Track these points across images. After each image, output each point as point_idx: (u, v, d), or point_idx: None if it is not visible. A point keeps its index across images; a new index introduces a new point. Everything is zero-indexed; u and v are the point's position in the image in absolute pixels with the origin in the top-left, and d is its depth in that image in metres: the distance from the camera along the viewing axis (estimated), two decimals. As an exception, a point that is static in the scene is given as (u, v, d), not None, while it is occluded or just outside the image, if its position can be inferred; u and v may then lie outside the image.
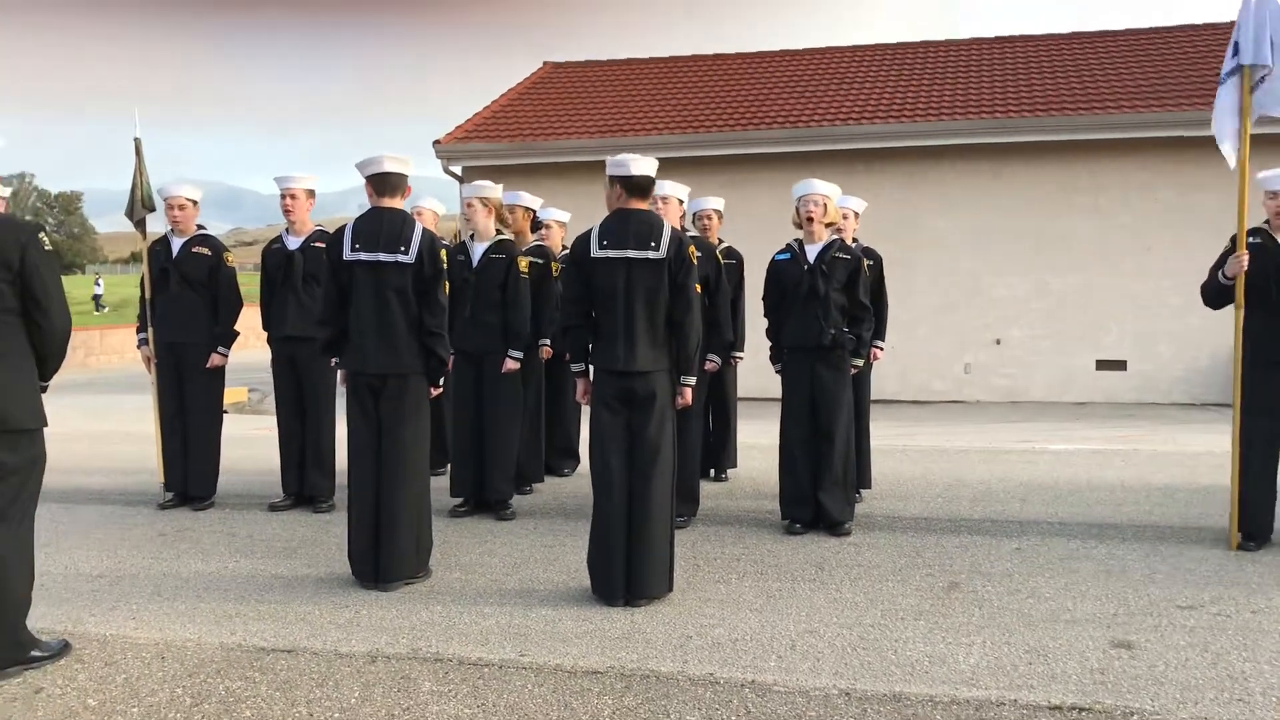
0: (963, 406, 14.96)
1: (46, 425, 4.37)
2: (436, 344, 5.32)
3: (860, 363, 6.36)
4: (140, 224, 7.26)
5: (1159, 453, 9.23)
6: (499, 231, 6.88)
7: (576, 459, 8.26)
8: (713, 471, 8.00)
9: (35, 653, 4.31)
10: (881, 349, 7.25)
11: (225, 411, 12.47)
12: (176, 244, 7.09)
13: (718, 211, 7.53)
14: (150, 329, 7.14)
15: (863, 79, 17.59)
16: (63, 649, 4.43)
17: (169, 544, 6.26)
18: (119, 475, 8.32)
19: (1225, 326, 8.16)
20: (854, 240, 7.16)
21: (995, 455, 9.14)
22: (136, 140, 7.21)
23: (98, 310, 45.12)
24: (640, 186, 5.07)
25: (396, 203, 5.39)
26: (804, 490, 6.28)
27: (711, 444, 7.90)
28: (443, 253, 5.39)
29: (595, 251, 4.99)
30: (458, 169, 17.25)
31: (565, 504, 7.24)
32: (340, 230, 5.37)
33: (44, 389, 4.40)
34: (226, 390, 7.43)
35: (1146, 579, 5.33)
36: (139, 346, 7.29)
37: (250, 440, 10.12)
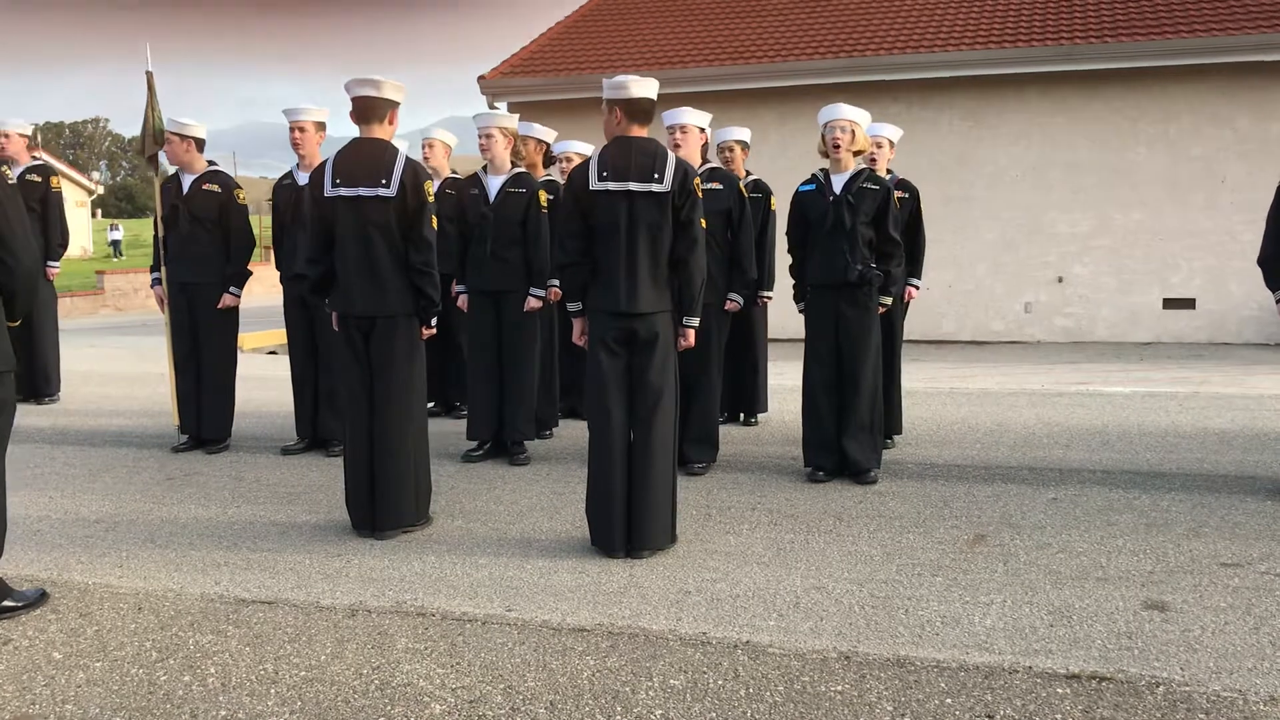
0: (1023, 347, 14.44)
1: (14, 369, 4.19)
2: (424, 282, 5.04)
3: (889, 301, 5.98)
4: (152, 159, 7.06)
5: (1221, 395, 8.72)
6: (514, 164, 6.57)
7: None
8: (742, 416, 7.69)
9: (8, 602, 4.18)
10: (917, 288, 6.85)
11: (273, 353, 12.45)
12: (187, 181, 6.90)
13: (741, 143, 7.15)
14: (163, 268, 6.98)
15: (920, 6, 16.86)
16: (39, 598, 4.29)
17: (174, 488, 6.13)
18: (141, 418, 8.23)
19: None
20: (888, 171, 6.74)
21: (1045, 398, 8.71)
22: (148, 74, 6.99)
23: (116, 256, 44.22)
24: (642, 110, 4.73)
25: (380, 131, 5.08)
26: (828, 436, 5.95)
27: (740, 387, 7.59)
28: (428, 184, 5.08)
29: (594, 184, 4.67)
30: (503, 105, 16.91)
31: (582, 449, 6.93)
32: (323, 164, 5.10)
33: (13, 327, 4.21)
34: (269, 332, 7.27)
35: (1191, 533, 4.95)
36: (152, 286, 7.14)
37: (275, 381, 9.99)
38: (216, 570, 4.70)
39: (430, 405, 8.05)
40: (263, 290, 17.63)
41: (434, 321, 5.21)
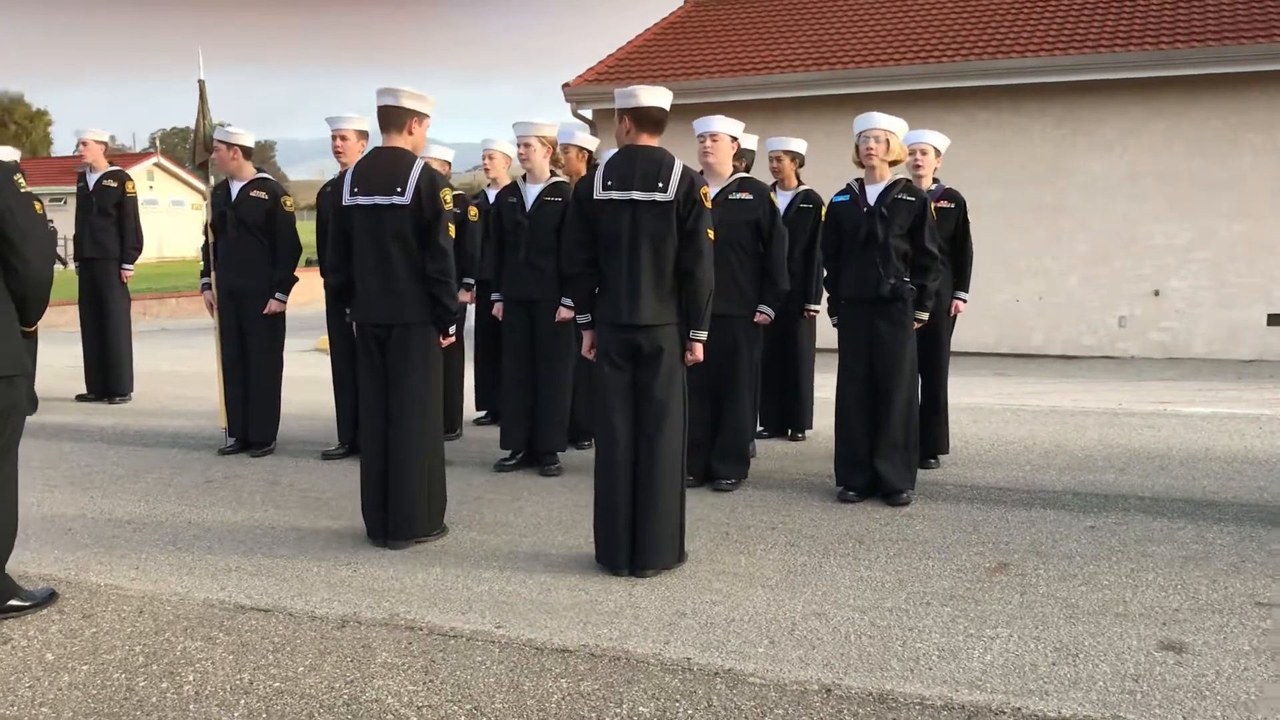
0: (1115, 363, 13.91)
1: (27, 373, 4.26)
2: (440, 291, 5.02)
3: (925, 317, 5.76)
4: (203, 166, 7.22)
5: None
6: (553, 173, 6.54)
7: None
8: (789, 431, 7.53)
9: (15, 601, 4.27)
10: (965, 301, 6.60)
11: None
12: (235, 188, 7.02)
13: (788, 153, 7.00)
14: (213, 274, 7.12)
15: (1012, 11, 16.40)
16: (47, 598, 4.38)
17: (210, 491, 6.23)
18: (201, 419, 8.41)
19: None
20: (935, 180, 6.52)
21: (1116, 418, 8.34)
22: (200, 82, 7.15)
23: None
24: (652, 119, 4.64)
25: (400, 140, 5.08)
26: (860, 455, 5.77)
27: (784, 402, 7.43)
28: (445, 193, 5.05)
29: (599, 193, 4.59)
30: (588, 113, 16.94)
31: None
32: (343, 173, 5.12)
33: (27, 335, 4.29)
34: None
35: (1231, 569, 4.65)
36: (202, 291, 7.29)
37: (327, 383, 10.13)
38: (225, 575, 4.75)
39: (482, 414, 8.07)
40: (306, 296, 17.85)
41: (453, 330, 5.18)
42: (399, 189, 4.99)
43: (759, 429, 7.58)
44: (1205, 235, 13.93)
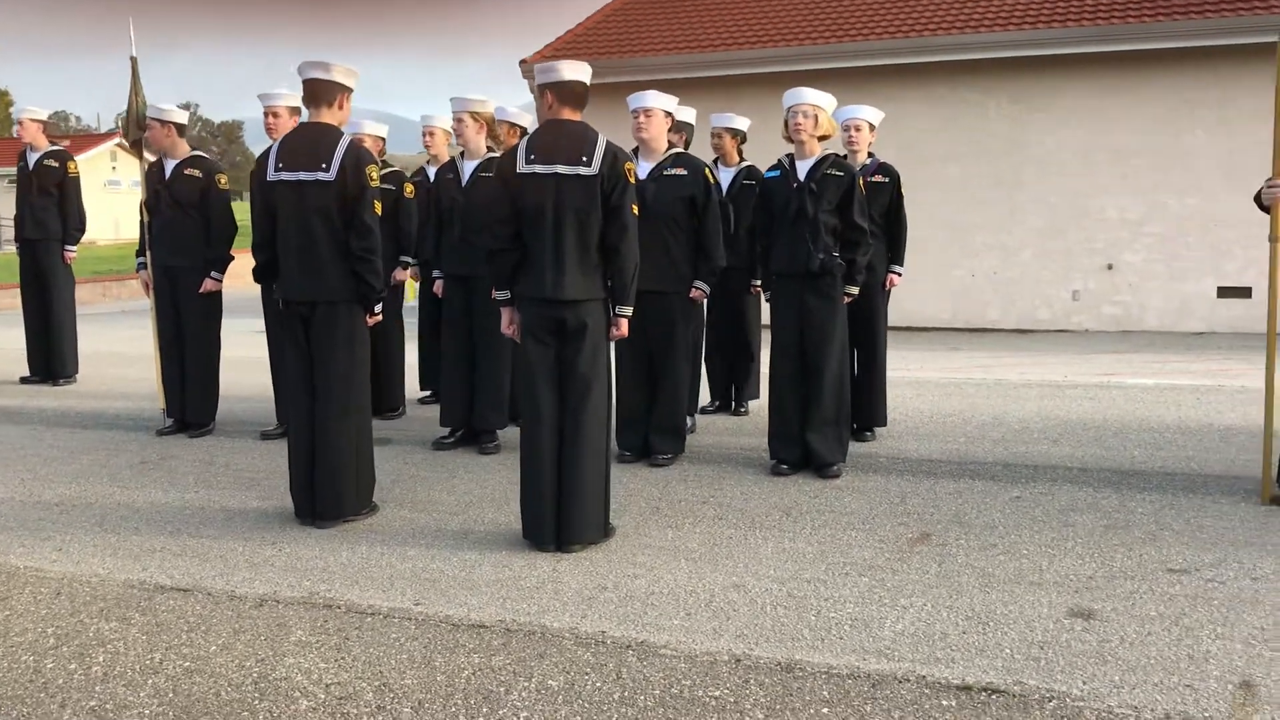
0: (1069, 336, 14.02)
1: None
2: (365, 269, 4.98)
3: (855, 291, 5.78)
4: (136, 145, 7.13)
5: (1245, 389, 8.32)
6: (490, 149, 6.50)
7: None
8: (733, 404, 7.55)
9: (-71, 585, 4.23)
10: (900, 274, 6.63)
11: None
12: (169, 166, 6.95)
13: (729, 129, 7.00)
14: (148, 252, 7.05)
15: (966, -16, 16.40)
16: (-36, 581, 4.34)
17: (144, 472, 6.18)
18: (142, 400, 8.33)
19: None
20: (869, 155, 6.53)
21: (1058, 390, 8.41)
22: (132, 59, 7.06)
23: None
24: (574, 94, 4.61)
25: (328, 115, 5.03)
26: (792, 429, 5.80)
27: (733, 375, 7.45)
28: (372, 169, 5.02)
29: (521, 167, 4.56)
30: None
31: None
32: (268, 149, 5.07)
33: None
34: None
35: (1149, 537, 4.71)
36: (138, 270, 7.22)
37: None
38: (149, 556, 4.72)
39: (426, 393, 8.03)
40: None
41: (378, 309, 5.15)
42: (324, 165, 4.95)
43: (711, 403, 7.61)
44: (1157, 209, 14.03)
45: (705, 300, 6.44)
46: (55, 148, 9.20)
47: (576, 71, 4.58)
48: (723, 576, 4.34)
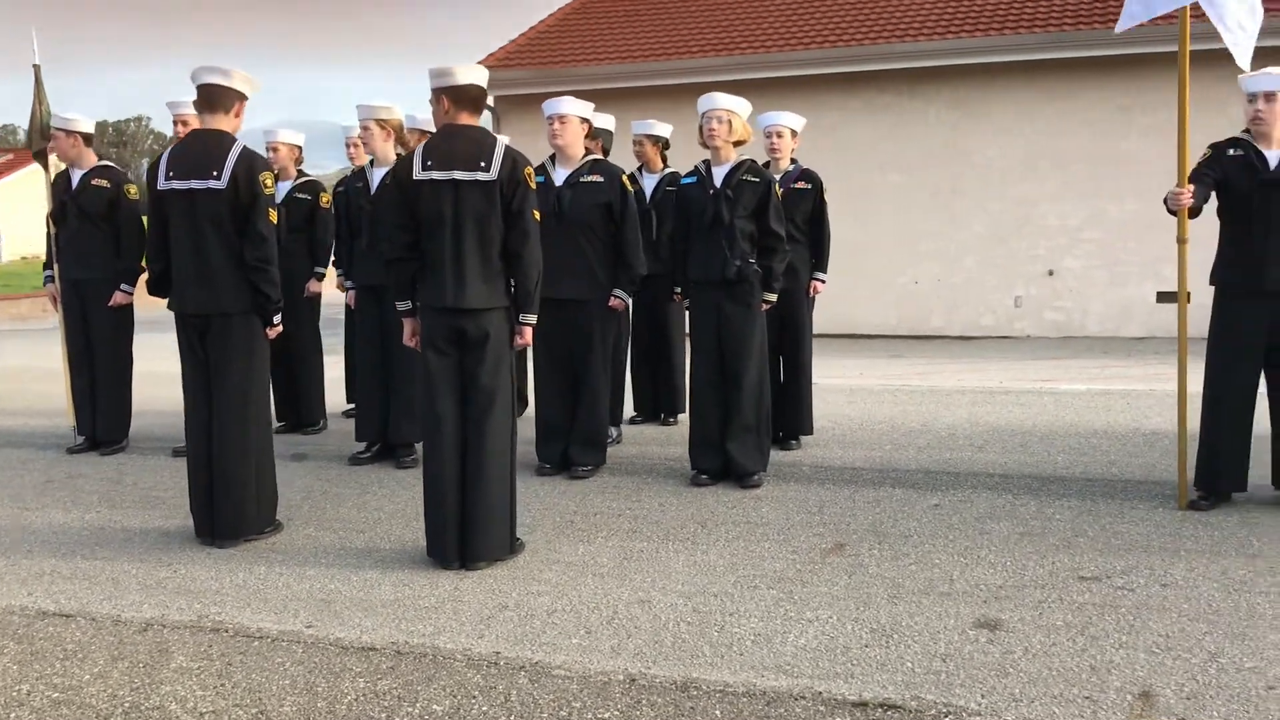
0: (1011, 342, 14.05)
1: None
2: (261, 279, 4.83)
3: (773, 298, 5.69)
4: (40, 155, 6.93)
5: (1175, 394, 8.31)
6: (399, 156, 6.35)
7: (524, 401, 7.72)
8: (662, 415, 7.44)
9: None
10: (823, 282, 6.56)
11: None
12: (76, 176, 6.75)
13: (649, 137, 6.91)
14: (55, 265, 6.84)
15: (906, -8, 16.46)
16: None
17: (47, 492, 5.98)
18: (57, 416, 8.08)
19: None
20: (793, 162, 6.46)
21: (990, 396, 8.39)
22: (35, 67, 6.86)
23: None
24: (470, 98, 4.49)
25: (223, 123, 4.88)
26: (712, 438, 5.70)
27: (658, 386, 7.34)
28: (266, 176, 4.87)
29: (418, 173, 4.43)
30: (490, 99, 16.71)
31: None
32: (159, 157, 4.91)
33: None
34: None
35: (1063, 544, 4.65)
36: (45, 284, 7.01)
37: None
38: (37, 580, 4.54)
39: (351, 406, 7.85)
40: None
41: (277, 320, 5.00)
42: (215, 173, 4.79)
43: (634, 414, 7.50)
44: (1097, 215, 14.10)
45: (626, 309, 6.33)
46: None
47: (472, 75, 4.46)
48: (629, 592, 4.23)
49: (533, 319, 4.59)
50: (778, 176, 6.33)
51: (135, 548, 4.96)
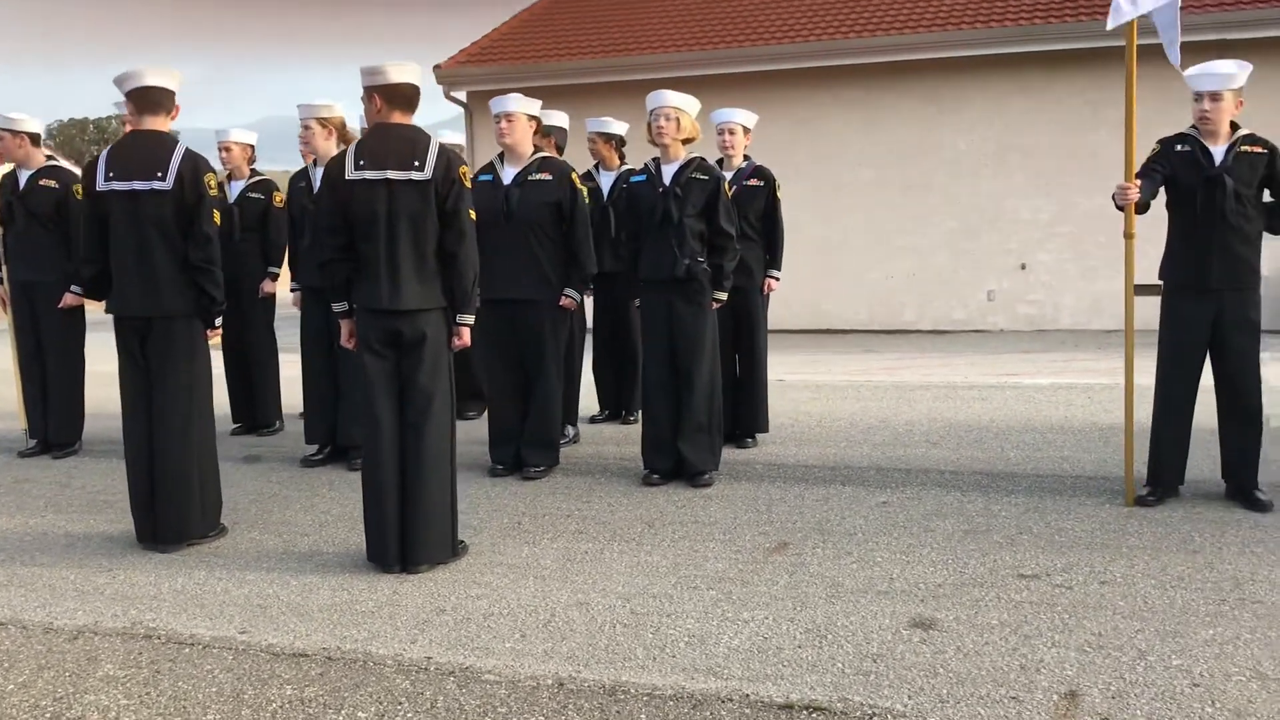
0: (983, 336, 14.06)
1: None
2: (205, 280, 4.79)
3: (723, 296, 5.67)
4: (-14, 157, 6.86)
5: (1139, 387, 8.31)
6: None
7: (483, 400, 7.66)
8: (623, 413, 7.42)
9: None
10: (777, 279, 6.54)
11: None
12: (23, 177, 6.69)
13: (602, 134, 6.89)
14: (4, 267, 6.78)
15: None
16: None
17: (-7, 497, 5.92)
18: (9, 419, 8.02)
19: (1275, 250, 6.97)
20: (746, 158, 6.44)
21: (952, 391, 8.39)
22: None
23: None
24: (403, 96, 4.44)
25: (160, 123, 4.84)
26: (664, 437, 5.69)
27: (620, 385, 7.32)
28: (209, 177, 4.83)
29: (351, 173, 4.39)
30: (461, 95, 16.65)
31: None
32: (95, 159, 4.86)
33: None
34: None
35: (1007, 541, 4.65)
36: (-6, 287, 6.94)
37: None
38: (-28, 587, 4.49)
39: None
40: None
41: (219, 322, 4.96)
42: (159, 174, 4.75)
43: (600, 412, 7.48)
44: (1067, 209, 14.12)
45: (580, 308, 6.31)
46: None
47: (404, 74, 4.41)
48: (568, 594, 4.20)
49: (470, 319, 4.56)
50: (730, 174, 6.33)
51: (76, 553, 4.92)
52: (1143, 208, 5.01)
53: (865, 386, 8.77)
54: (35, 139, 6.70)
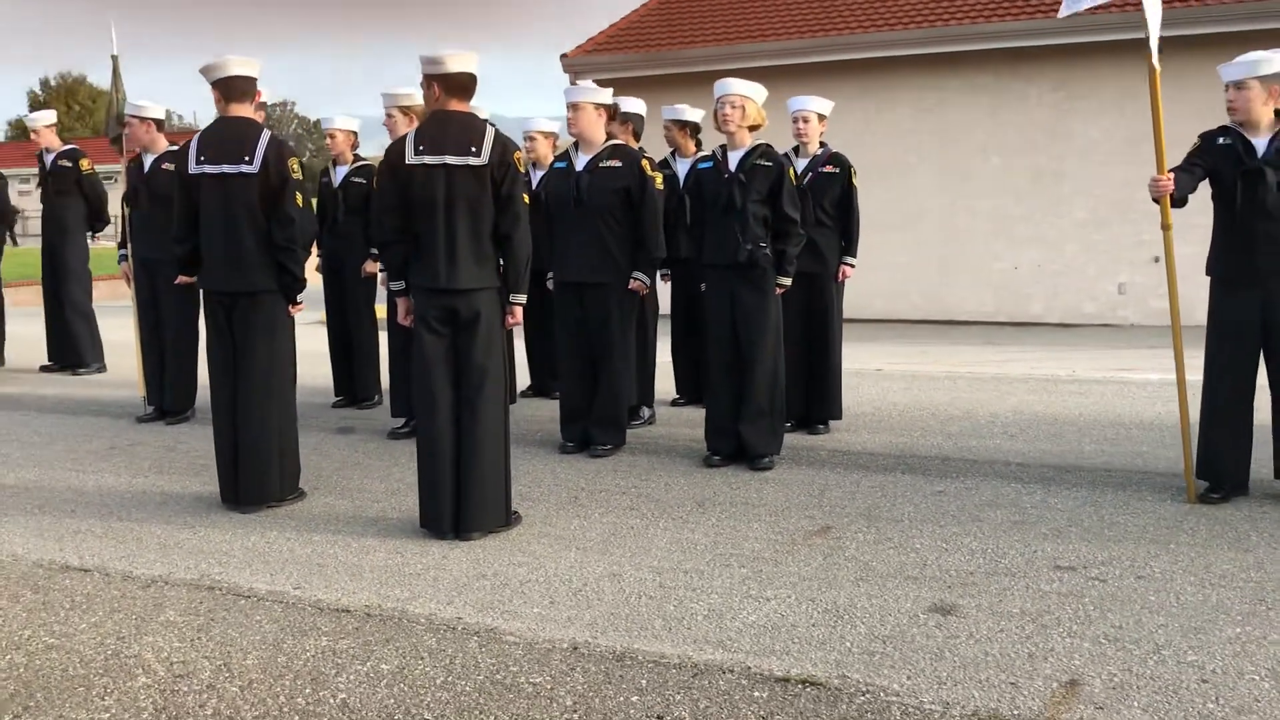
0: (1112, 331, 13.63)
1: None
2: (288, 259, 5.11)
3: (787, 282, 5.72)
4: (117, 141, 7.37)
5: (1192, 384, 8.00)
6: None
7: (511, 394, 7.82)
8: (703, 396, 7.50)
9: None
10: (852, 266, 6.54)
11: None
12: (148, 161, 7.17)
13: (676, 122, 6.98)
14: (129, 245, 7.28)
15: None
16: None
17: (107, 458, 6.40)
18: (131, 388, 8.59)
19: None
20: (821, 145, 6.45)
21: (1051, 385, 8.21)
22: (114, 58, 7.29)
23: None
24: (460, 85, 4.65)
25: (245, 109, 5.17)
26: (725, 420, 5.78)
27: (697, 367, 7.42)
28: (293, 161, 5.14)
29: (410, 158, 4.62)
30: (588, 83, 16.87)
31: (530, 428, 6.93)
32: (187, 143, 5.21)
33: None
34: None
35: (1054, 533, 4.60)
36: (119, 263, 7.45)
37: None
38: (73, 538, 4.89)
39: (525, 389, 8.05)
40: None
41: (301, 299, 5.27)
42: (247, 158, 5.08)
43: (680, 396, 7.60)
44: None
45: (653, 292, 6.44)
46: (69, 147, 9.51)
47: (462, 63, 4.61)
48: (604, 565, 4.36)
49: (522, 299, 4.75)
50: (806, 160, 6.36)
51: (168, 510, 5.30)
52: (1179, 202, 4.94)
53: (964, 378, 8.65)
54: (160, 125, 7.18)
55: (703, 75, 15.47)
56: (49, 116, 9.47)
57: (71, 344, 9.46)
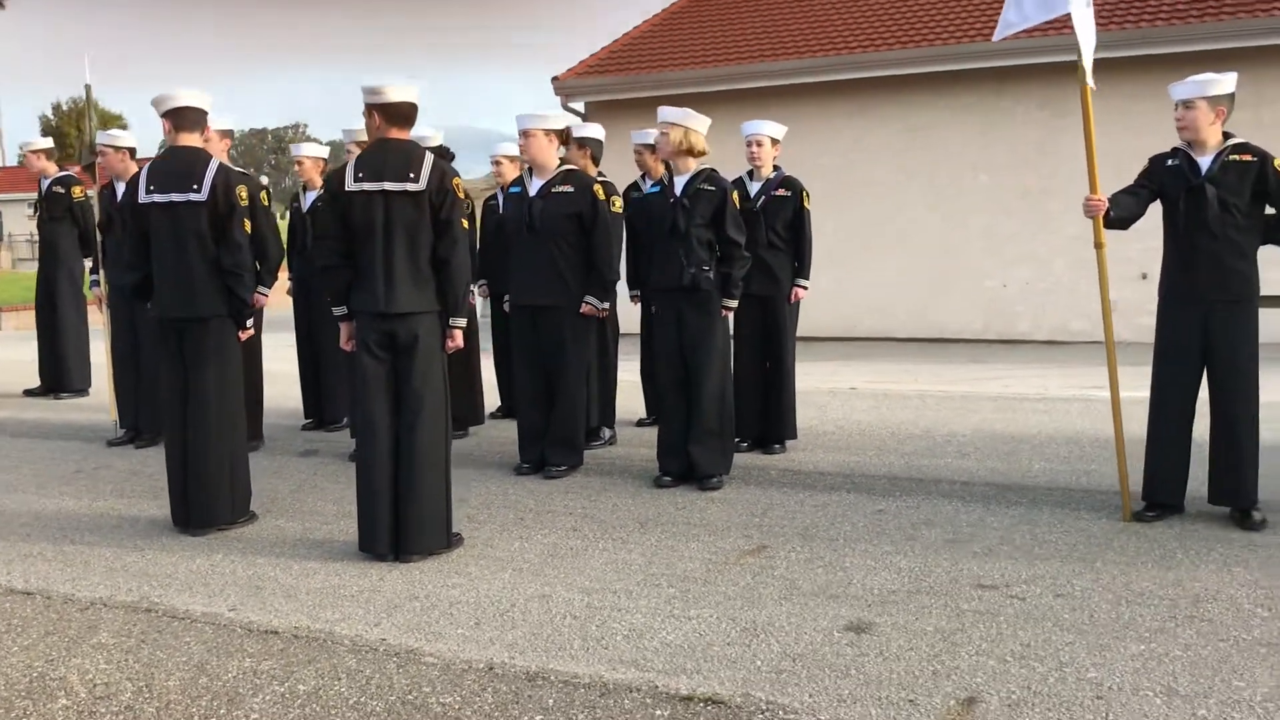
0: (1101, 348, 13.54)
1: None
2: (236, 284, 5.22)
3: (733, 304, 5.79)
4: (89, 168, 7.50)
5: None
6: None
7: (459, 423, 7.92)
8: (653, 417, 7.57)
9: None
10: (805, 288, 6.60)
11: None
12: (120, 188, 7.29)
13: (647, 146, 7.05)
14: (102, 271, 7.39)
15: (991, -9, 16.11)
16: None
17: (71, 481, 6.49)
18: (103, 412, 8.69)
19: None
20: (775, 168, 6.53)
21: (1017, 403, 8.25)
22: (87, 87, 7.43)
23: None
24: (401, 114, 4.75)
25: (194, 139, 5.28)
26: (676, 440, 5.84)
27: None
28: (241, 189, 5.25)
29: (350, 184, 4.72)
30: (578, 105, 17.03)
31: (493, 450, 7.02)
32: (138, 173, 5.33)
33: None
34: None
35: (984, 551, 4.65)
36: (91, 288, 7.57)
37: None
38: (21, 561, 4.97)
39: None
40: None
41: (250, 323, 5.36)
42: (195, 186, 5.18)
43: (649, 416, 7.65)
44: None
45: (612, 315, 6.51)
46: (63, 174, 9.63)
47: (402, 93, 4.71)
48: (536, 586, 4.42)
49: (462, 323, 4.83)
50: (759, 184, 6.44)
51: (120, 534, 5.38)
52: (1119, 223, 5.01)
53: (933, 396, 8.69)
54: (133, 153, 7.31)
55: (694, 98, 15.56)
56: (43, 143, 9.58)
57: (60, 367, 9.56)
